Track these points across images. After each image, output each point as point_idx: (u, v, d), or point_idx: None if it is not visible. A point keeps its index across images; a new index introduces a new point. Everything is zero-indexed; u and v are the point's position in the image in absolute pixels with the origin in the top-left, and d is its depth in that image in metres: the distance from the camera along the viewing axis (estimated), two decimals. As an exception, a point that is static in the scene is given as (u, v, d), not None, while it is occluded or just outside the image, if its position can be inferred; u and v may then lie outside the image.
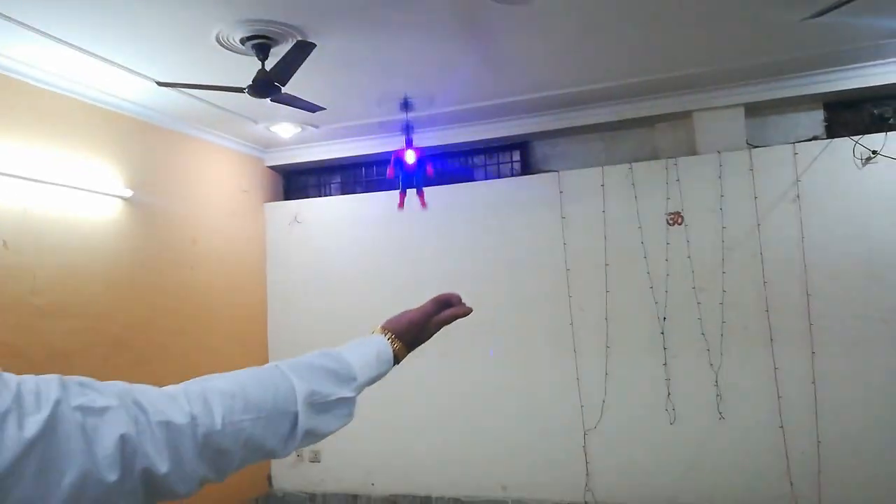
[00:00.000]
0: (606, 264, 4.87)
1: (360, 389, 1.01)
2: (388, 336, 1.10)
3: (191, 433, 0.77)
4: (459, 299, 1.20)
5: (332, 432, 0.96)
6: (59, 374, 0.73)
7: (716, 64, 4.24)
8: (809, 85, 4.58)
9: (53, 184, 3.79)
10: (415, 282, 5.32)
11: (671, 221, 4.76)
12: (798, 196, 4.52)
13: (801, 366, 4.43)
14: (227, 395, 0.84)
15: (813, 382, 4.40)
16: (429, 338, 1.17)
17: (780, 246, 4.54)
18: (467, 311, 1.19)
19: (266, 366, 0.94)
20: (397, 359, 1.10)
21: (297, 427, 0.89)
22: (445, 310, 1.18)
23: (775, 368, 4.48)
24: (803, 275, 4.47)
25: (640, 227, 4.81)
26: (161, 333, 4.55)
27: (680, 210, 4.75)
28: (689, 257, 4.69)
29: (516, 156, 5.61)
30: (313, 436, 0.92)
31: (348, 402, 0.98)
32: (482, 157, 5.73)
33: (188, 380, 0.89)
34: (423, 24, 3.37)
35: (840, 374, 4.37)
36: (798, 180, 4.53)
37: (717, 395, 4.57)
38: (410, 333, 1.13)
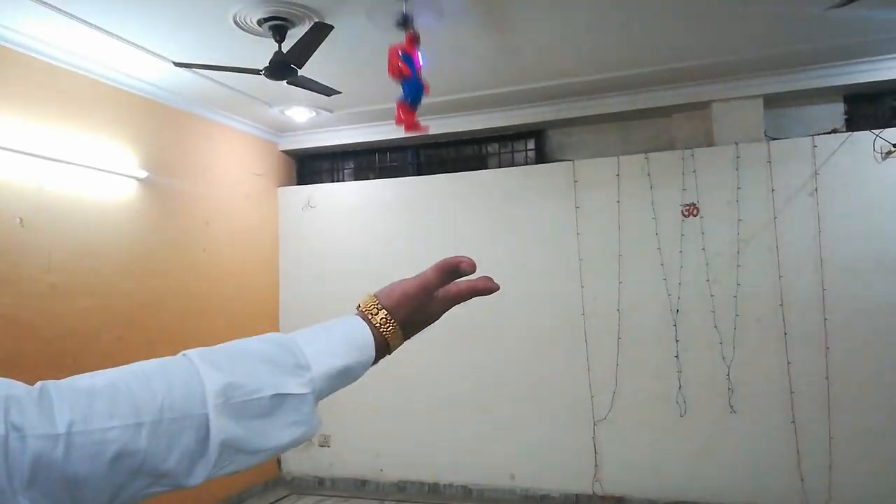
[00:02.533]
0: (620, 255, 4.84)
1: (319, 385, 0.68)
2: (373, 311, 0.77)
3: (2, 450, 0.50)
4: (473, 266, 0.81)
5: (277, 448, 0.65)
6: None
7: (735, 54, 4.19)
8: (829, 77, 4.51)
9: (69, 163, 3.81)
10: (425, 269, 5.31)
11: (686, 213, 4.72)
12: (816, 189, 4.46)
13: (815, 361, 4.39)
14: (84, 392, 0.56)
15: (826, 378, 4.36)
16: (433, 319, 0.85)
17: (796, 240, 4.49)
18: (493, 288, 0.82)
19: (168, 357, 0.65)
20: (387, 344, 0.77)
21: (209, 438, 0.60)
22: (455, 281, 0.82)
23: (788, 363, 4.44)
24: (819, 269, 4.42)
25: (654, 218, 4.77)
26: (173, 314, 4.57)
27: (695, 202, 4.70)
28: (703, 249, 4.65)
29: (531, 144, 5.57)
30: (242, 453, 0.62)
31: (299, 403, 0.66)
32: (496, 144, 5.69)
33: None
34: (439, 7, 3.34)
35: (854, 370, 4.33)
36: (816, 173, 4.47)
37: (729, 389, 4.54)
38: (404, 310, 0.78)
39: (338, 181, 6.11)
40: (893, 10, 3.51)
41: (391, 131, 5.58)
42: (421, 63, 3.15)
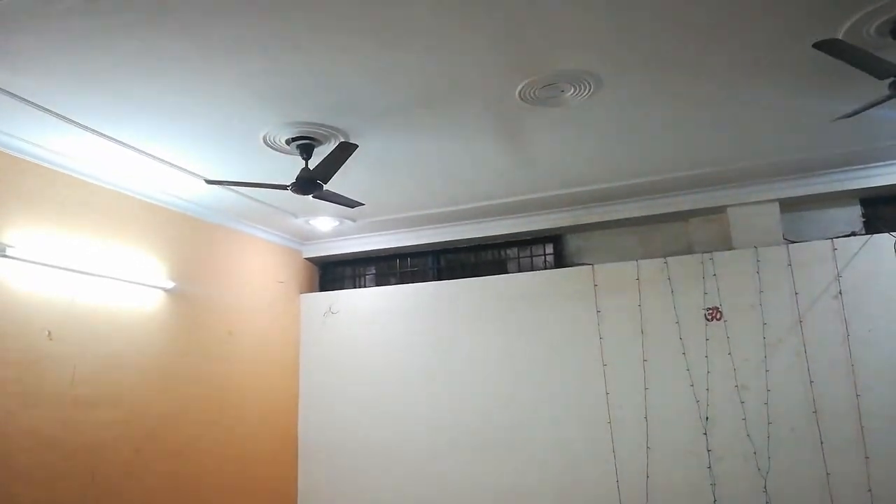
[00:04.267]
0: (645, 360, 4.76)
1: None
2: None
3: None
4: None
5: None
6: None
7: (749, 160, 4.29)
8: (844, 181, 4.57)
9: (100, 276, 3.92)
10: (448, 375, 5.26)
11: (710, 317, 4.67)
12: (840, 292, 4.42)
13: (856, 472, 4.18)
14: None
15: (869, 490, 4.13)
16: None
17: (824, 343, 4.40)
18: None
19: None
20: None
21: None
22: None
23: (827, 474, 4.23)
24: (851, 374, 4.30)
25: (677, 323, 4.73)
26: (193, 425, 4.52)
27: (718, 305, 4.67)
28: (729, 354, 4.57)
29: (549, 248, 5.64)
30: None
31: None
32: (515, 249, 5.77)
33: (214, 472, 0.66)
34: (458, 124, 3.50)
35: (899, 481, 4.11)
36: (839, 276, 4.44)
37: (767, 502, 4.31)
38: None
39: (359, 287, 6.19)
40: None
41: (412, 238, 5.71)
42: None
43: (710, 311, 4.68)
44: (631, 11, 2.50)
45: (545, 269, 5.52)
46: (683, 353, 4.66)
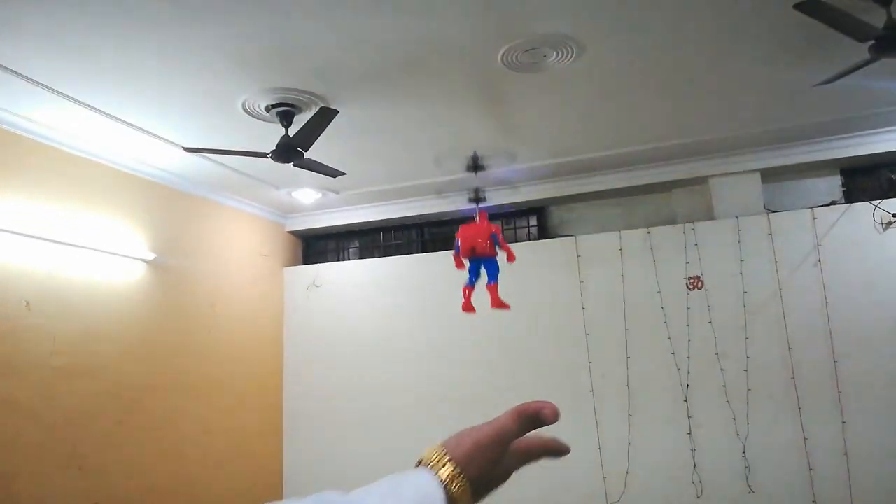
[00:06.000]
0: (626, 329, 4.81)
1: None
2: (439, 464, 0.65)
3: None
4: (556, 413, 0.71)
5: None
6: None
7: (730, 130, 4.30)
8: (825, 150, 4.61)
9: (79, 246, 3.86)
10: (433, 348, 5.28)
11: (691, 286, 4.72)
12: (819, 261, 4.47)
13: (832, 436, 4.27)
14: None
15: (845, 454, 4.23)
16: (505, 478, 0.71)
17: (803, 311, 4.46)
18: (564, 451, 0.74)
19: None
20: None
21: None
22: (526, 435, 0.72)
23: (805, 438, 4.32)
24: (829, 340, 4.37)
25: (659, 292, 4.76)
26: (176, 396, 4.51)
27: (699, 274, 4.71)
28: (710, 322, 4.62)
29: (533, 220, 5.64)
30: None
31: None
32: (499, 221, 5.76)
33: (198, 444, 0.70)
34: (439, 90, 3.47)
35: (873, 444, 4.20)
36: (818, 245, 4.49)
37: (746, 467, 4.40)
38: (476, 464, 0.66)
39: (343, 260, 6.17)
40: (884, 82, 3.60)
41: (396, 210, 5.68)
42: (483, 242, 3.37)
43: (692, 281, 4.72)
44: (613, -29, 2.48)
45: (529, 240, 5.52)
46: (665, 322, 4.71)
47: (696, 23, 2.86)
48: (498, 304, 3.46)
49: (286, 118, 3.50)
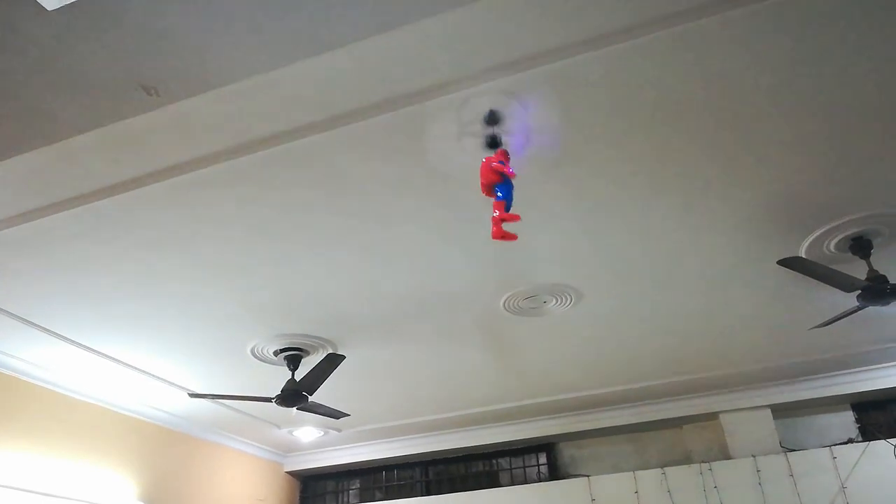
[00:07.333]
0: (651, 585, 4.36)
1: None
2: None
3: None
4: None
5: None
6: None
7: (735, 366, 4.31)
8: (833, 386, 4.57)
9: (68, 499, 3.67)
10: None
11: (716, 534, 4.37)
12: (847, 503, 4.20)
13: None
14: None
15: None
16: None
17: (842, 562, 4.09)
18: None
19: None
20: None
21: None
22: None
23: None
24: None
25: (682, 540, 4.41)
26: None
27: (723, 520, 4.39)
28: (742, 576, 4.21)
29: (542, 458, 5.41)
30: None
31: None
32: (507, 458, 5.53)
33: None
34: (445, 334, 3.55)
35: None
36: (844, 487, 4.25)
37: None
38: None
39: (343, 503, 5.81)
40: (885, 321, 3.66)
41: (400, 447, 5.50)
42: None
43: (716, 528, 4.39)
44: (605, 237, 2.68)
45: (539, 480, 5.25)
46: (693, 577, 4.29)
47: (687, 269, 3.02)
48: (500, 233, 2.67)
49: (293, 362, 3.54)
